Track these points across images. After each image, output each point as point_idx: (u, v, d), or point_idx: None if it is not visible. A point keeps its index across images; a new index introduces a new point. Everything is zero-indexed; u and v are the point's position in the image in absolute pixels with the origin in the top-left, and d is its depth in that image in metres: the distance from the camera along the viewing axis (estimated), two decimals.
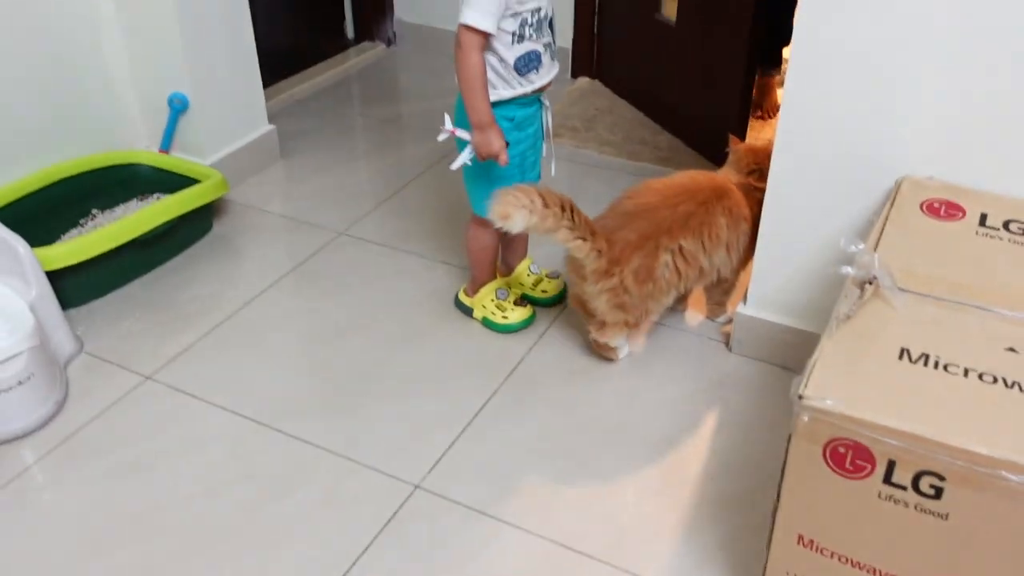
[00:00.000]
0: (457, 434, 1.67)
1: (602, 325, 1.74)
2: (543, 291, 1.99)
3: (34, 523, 1.51)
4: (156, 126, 2.38)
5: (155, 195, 2.31)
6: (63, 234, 2.18)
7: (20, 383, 1.63)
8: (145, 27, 2.26)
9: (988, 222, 1.35)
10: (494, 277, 1.95)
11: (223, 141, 2.45)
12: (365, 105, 3.11)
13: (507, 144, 1.64)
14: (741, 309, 1.81)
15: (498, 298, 1.92)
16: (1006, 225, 1.34)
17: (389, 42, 3.49)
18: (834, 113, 1.51)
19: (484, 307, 1.92)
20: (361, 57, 3.38)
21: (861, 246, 1.21)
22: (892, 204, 1.40)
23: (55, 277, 1.86)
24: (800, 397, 1.02)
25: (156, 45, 2.27)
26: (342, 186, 2.50)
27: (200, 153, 2.40)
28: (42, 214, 2.13)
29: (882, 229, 1.33)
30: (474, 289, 1.95)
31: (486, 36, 1.55)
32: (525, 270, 2.00)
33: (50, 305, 1.81)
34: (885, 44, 1.42)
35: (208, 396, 1.76)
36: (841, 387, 1.02)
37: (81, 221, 2.22)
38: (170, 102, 2.32)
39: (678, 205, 1.69)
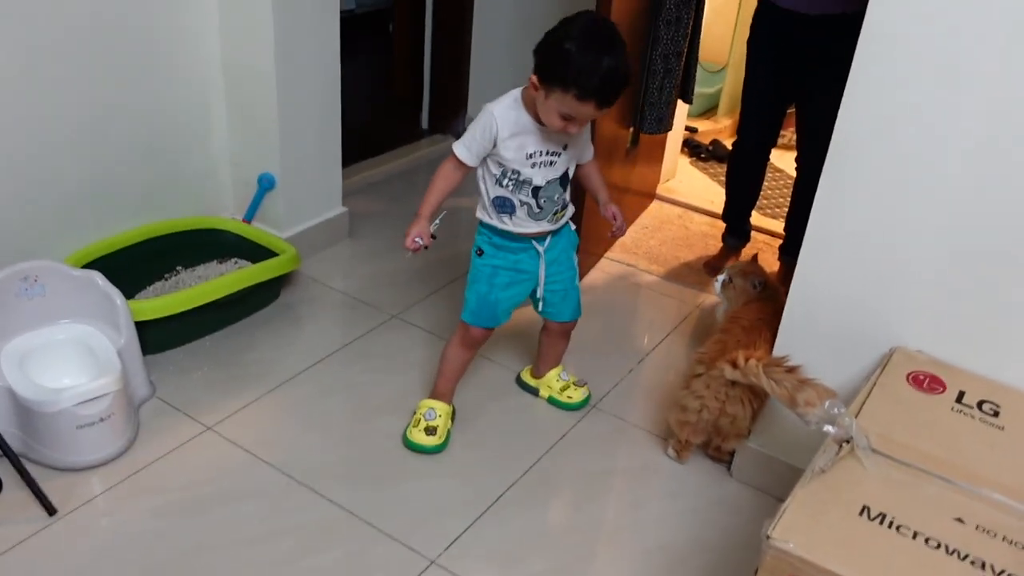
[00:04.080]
0: (475, 518, 1.85)
1: (739, 436, 1.96)
2: (568, 397, 2.19)
3: (91, 545, 1.72)
4: (243, 198, 2.66)
5: (233, 259, 2.57)
6: (148, 285, 2.44)
7: (102, 420, 1.86)
8: (248, 113, 2.56)
9: (964, 400, 1.52)
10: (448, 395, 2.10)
11: (300, 217, 2.72)
12: None
13: (432, 237, 1.89)
14: (745, 440, 1.98)
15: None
16: (979, 405, 1.51)
17: (458, 135, 3.78)
18: (840, 284, 1.71)
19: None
20: (432, 148, 3.67)
21: (843, 409, 1.40)
22: (882, 371, 1.59)
23: (140, 326, 2.11)
24: (767, 537, 1.20)
25: (255, 129, 2.56)
26: (399, 271, 2.75)
27: (278, 226, 2.66)
28: (133, 266, 2.39)
29: (868, 393, 1.51)
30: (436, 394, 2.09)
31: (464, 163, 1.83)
32: (555, 376, 2.20)
33: (134, 352, 2.05)
34: (888, 229, 1.62)
35: (259, 452, 1.97)
36: (803, 533, 1.20)
37: (166, 275, 2.48)
38: (259, 180, 2.60)
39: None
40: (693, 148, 3.90)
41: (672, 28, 2.69)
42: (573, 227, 2.02)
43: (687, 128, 3.87)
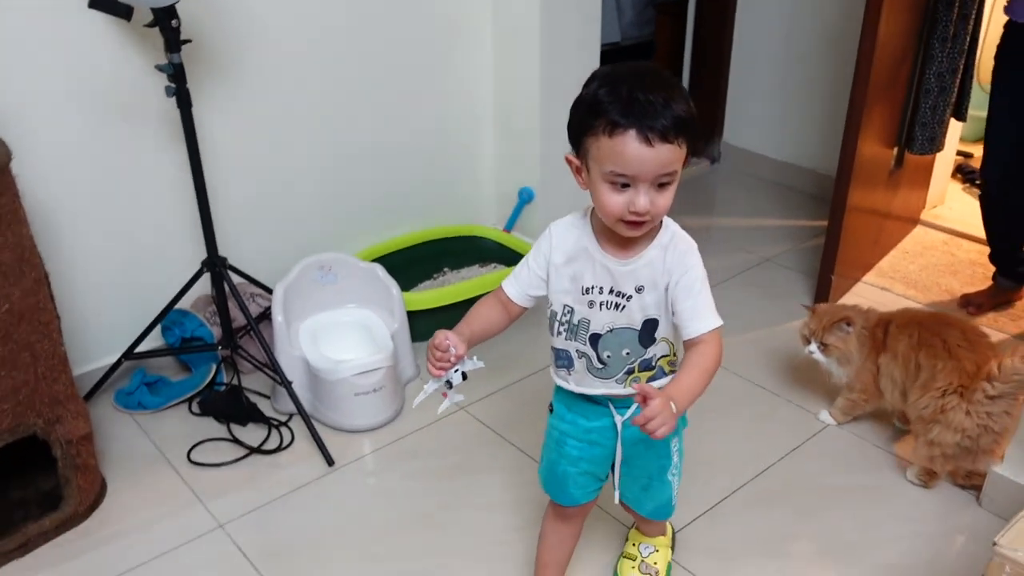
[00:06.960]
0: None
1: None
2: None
3: (356, 493, 2.01)
4: (505, 210, 2.91)
5: (493, 264, 2.81)
6: (419, 283, 2.74)
7: (375, 391, 2.14)
8: (513, 134, 2.80)
9: None
10: None
11: None
12: (682, 214, 3.44)
13: (463, 376, 1.44)
14: (997, 468, 1.87)
15: None
16: None
17: (713, 160, 3.84)
18: None
19: None
20: (687, 171, 3.72)
21: None
22: None
23: (411, 316, 2.39)
24: (995, 544, 1.17)
25: (519, 149, 2.81)
26: None
27: (535, 236, 2.85)
28: (408, 264, 2.70)
29: None
30: None
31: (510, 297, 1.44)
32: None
33: (404, 337, 2.34)
34: None
35: (504, 432, 2.17)
36: None
37: (434, 275, 2.78)
38: (520, 193, 2.83)
39: None
40: (967, 174, 3.65)
41: (947, 45, 2.59)
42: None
43: (960, 153, 3.65)
